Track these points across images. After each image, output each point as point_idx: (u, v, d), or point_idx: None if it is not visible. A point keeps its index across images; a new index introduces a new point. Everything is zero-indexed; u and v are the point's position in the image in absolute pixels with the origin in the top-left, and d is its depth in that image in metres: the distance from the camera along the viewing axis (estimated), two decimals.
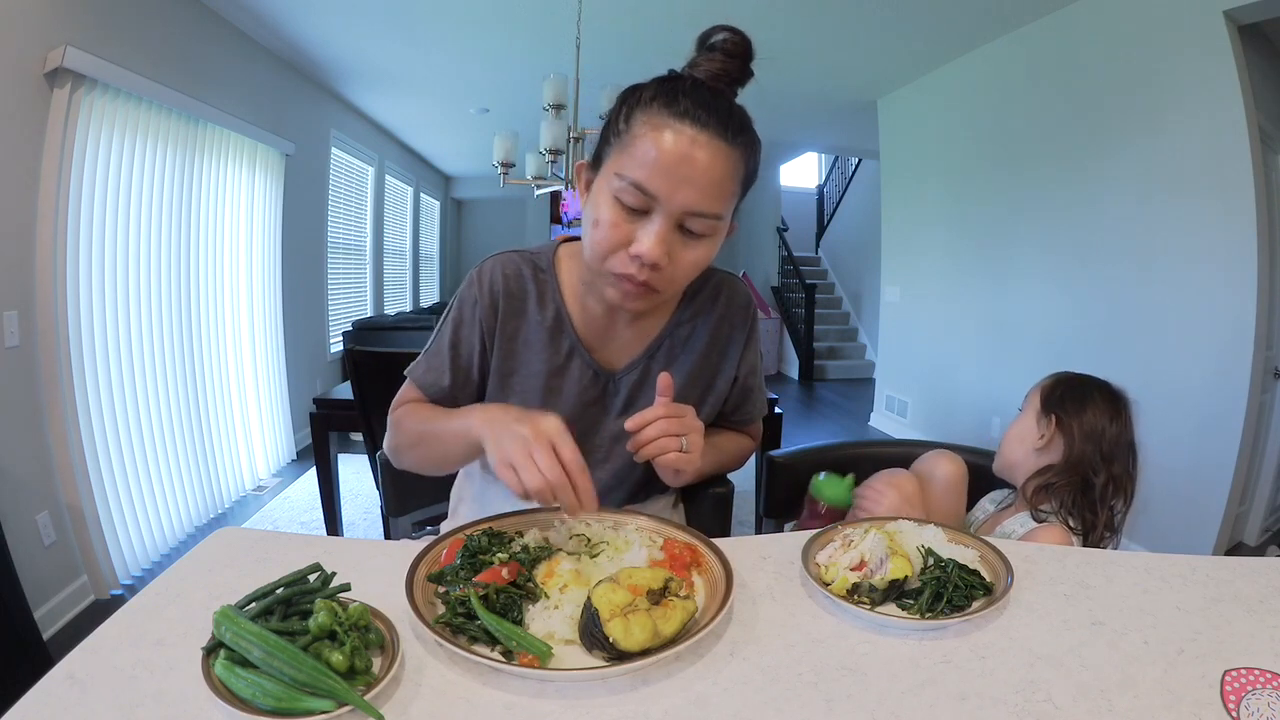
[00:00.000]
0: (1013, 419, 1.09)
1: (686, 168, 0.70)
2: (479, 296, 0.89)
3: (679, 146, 0.70)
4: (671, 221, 0.72)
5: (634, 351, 0.93)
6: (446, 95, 4.69)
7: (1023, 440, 1.04)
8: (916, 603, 0.64)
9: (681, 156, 0.70)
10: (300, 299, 4.08)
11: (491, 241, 8.87)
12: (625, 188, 0.71)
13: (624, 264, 0.74)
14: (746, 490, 2.66)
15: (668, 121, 0.70)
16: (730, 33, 0.75)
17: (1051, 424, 1.01)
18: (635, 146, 0.71)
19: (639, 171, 0.70)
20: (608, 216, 0.73)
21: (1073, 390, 1.03)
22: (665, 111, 0.71)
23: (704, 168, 0.70)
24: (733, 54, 0.75)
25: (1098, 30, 2.94)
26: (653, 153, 0.70)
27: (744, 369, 0.99)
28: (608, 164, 0.75)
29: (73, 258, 2.18)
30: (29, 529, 2.03)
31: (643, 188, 0.71)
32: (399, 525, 1.61)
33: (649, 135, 0.70)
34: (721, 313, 0.96)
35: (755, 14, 3.11)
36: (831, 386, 6.87)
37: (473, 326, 0.90)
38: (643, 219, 0.73)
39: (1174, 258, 2.62)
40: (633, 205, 0.72)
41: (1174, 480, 2.54)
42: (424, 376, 0.92)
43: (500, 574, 0.62)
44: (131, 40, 2.43)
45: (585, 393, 0.91)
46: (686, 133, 0.70)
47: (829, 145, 7.31)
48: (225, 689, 0.48)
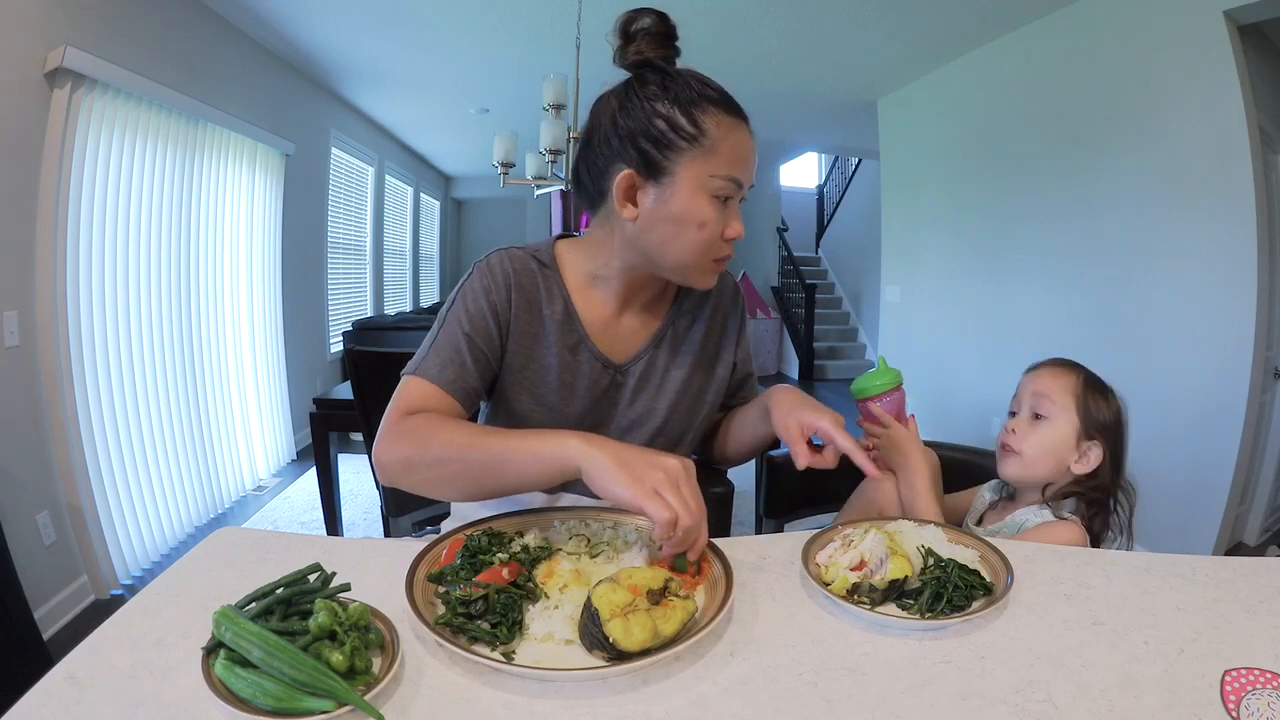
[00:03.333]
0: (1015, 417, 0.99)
1: (753, 155, 0.84)
2: (491, 285, 0.88)
3: (747, 140, 0.83)
4: (738, 201, 0.84)
5: (638, 343, 0.95)
6: (446, 95, 4.69)
7: (1056, 455, 0.95)
8: (916, 603, 0.64)
9: (750, 148, 0.83)
10: (300, 299, 4.08)
11: (491, 241, 8.75)
12: (724, 185, 0.81)
13: (719, 249, 0.84)
14: (746, 490, 2.65)
15: (732, 121, 0.81)
16: (649, 16, 0.84)
17: (1101, 450, 0.93)
18: (720, 147, 0.80)
19: (734, 169, 0.81)
20: (711, 213, 0.81)
21: (1104, 399, 0.95)
22: (723, 109, 0.81)
23: (755, 152, 0.84)
24: (655, 32, 0.84)
25: (1097, 30, 2.94)
26: (736, 150, 0.81)
27: (740, 354, 1.05)
28: (686, 167, 0.80)
29: (73, 258, 2.18)
30: (29, 529, 2.03)
31: (739, 181, 0.82)
32: (399, 525, 1.61)
33: (730, 136, 0.81)
34: (715, 302, 1.02)
35: (756, 14, 3.11)
36: (831, 386, 6.87)
37: (487, 314, 0.87)
38: (725, 206, 0.83)
39: (1174, 258, 2.61)
40: (728, 196, 0.82)
41: (1174, 480, 2.54)
42: (442, 374, 0.84)
43: (500, 574, 0.62)
44: (131, 40, 2.43)
45: (596, 385, 0.93)
46: (743, 127, 0.83)
47: (829, 145, 7.31)
48: (225, 689, 0.48)
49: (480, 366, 0.87)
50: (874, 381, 0.97)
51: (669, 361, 0.96)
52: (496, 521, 0.77)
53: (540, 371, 0.91)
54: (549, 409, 0.91)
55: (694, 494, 0.67)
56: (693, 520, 0.65)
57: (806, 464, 0.82)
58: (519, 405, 0.91)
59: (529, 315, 0.90)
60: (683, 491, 0.66)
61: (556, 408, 0.91)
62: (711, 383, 1.01)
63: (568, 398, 0.92)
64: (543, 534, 0.75)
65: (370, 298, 5.59)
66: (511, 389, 0.91)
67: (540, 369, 0.91)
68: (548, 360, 0.91)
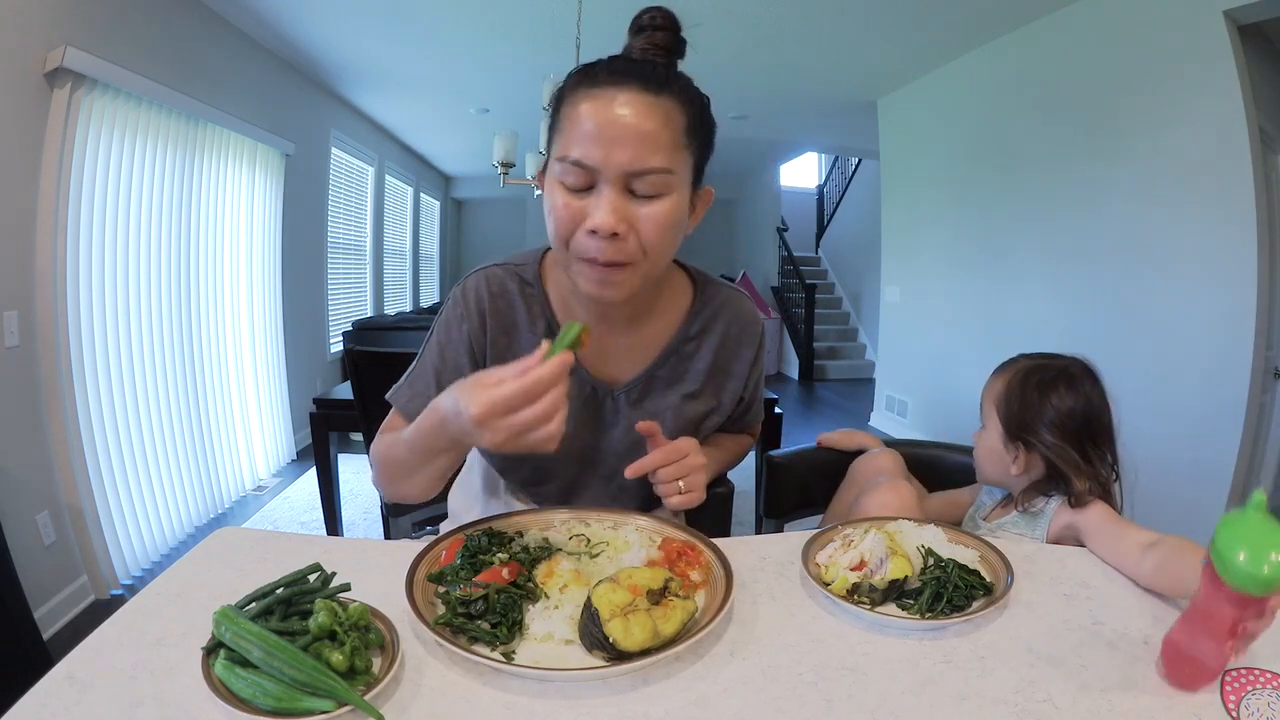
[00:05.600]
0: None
1: (613, 128, 0.69)
2: (465, 315, 0.85)
3: (601, 110, 0.69)
4: (618, 187, 0.70)
5: (635, 367, 0.89)
6: (446, 95, 4.69)
7: (994, 459, 0.96)
8: (916, 603, 0.64)
9: (605, 119, 0.69)
10: (300, 299, 4.08)
11: (491, 241, 8.88)
12: (566, 169, 0.71)
13: (585, 245, 0.72)
14: (746, 490, 2.66)
15: (587, 92, 0.71)
16: (656, 11, 0.77)
17: (1020, 452, 0.92)
18: (565, 128, 0.72)
19: (573, 149, 0.70)
20: (559, 202, 0.72)
21: (1024, 399, 0.92)
22: (584, 85, 0.71)
23: (631, 123, 0.69)
24: (661, 26, 0.77)
25: (1097, 30, 2.94)
26: (579, 126, 0.70)
27: (750, 386, 0.97)
28: (550, 156, 0.75)
29: (73, 258, 2.18)
30: (29, 529, 2.03)
31: (580, 162, 0.70)
32: (399, 525, 1.61)
33: (573, 112, 0.71)
34: (727, 331, 0.92)
35: (756, 15, 3.11)
36: (831, 386, 6.87)
37: (459, 346, 0.86)
38: (589, 195, 0.71)
39: (1174, 258, 2.61)
40: (577, 184, 0.71)
41: (1174, 480, 2.54)
42: (409, 403, 0.86)
43: (500, 574, 0.62)
44: (131, 40, 2.43)
45: (584, 409, 0.88)
46: (605, 95, 0.70)
47: (829, 145, 7.31)
48: (225, 689, 0.48)
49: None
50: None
51: (669, 386, 0.90)
52: (496, 521, 0.77)
53: None
54: None
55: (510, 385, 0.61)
56: (526, 418, 0.60)
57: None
58: None
59: (507, 340, 0.87)
60: (507, 388, 0.61)
61: None
62: (714, 412, 0.94)
63: None
64: (543, 534, 0.75)
65: (370, 298, 5.59)
66: None
67: None
68: None
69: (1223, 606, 0.51)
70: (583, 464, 0.91)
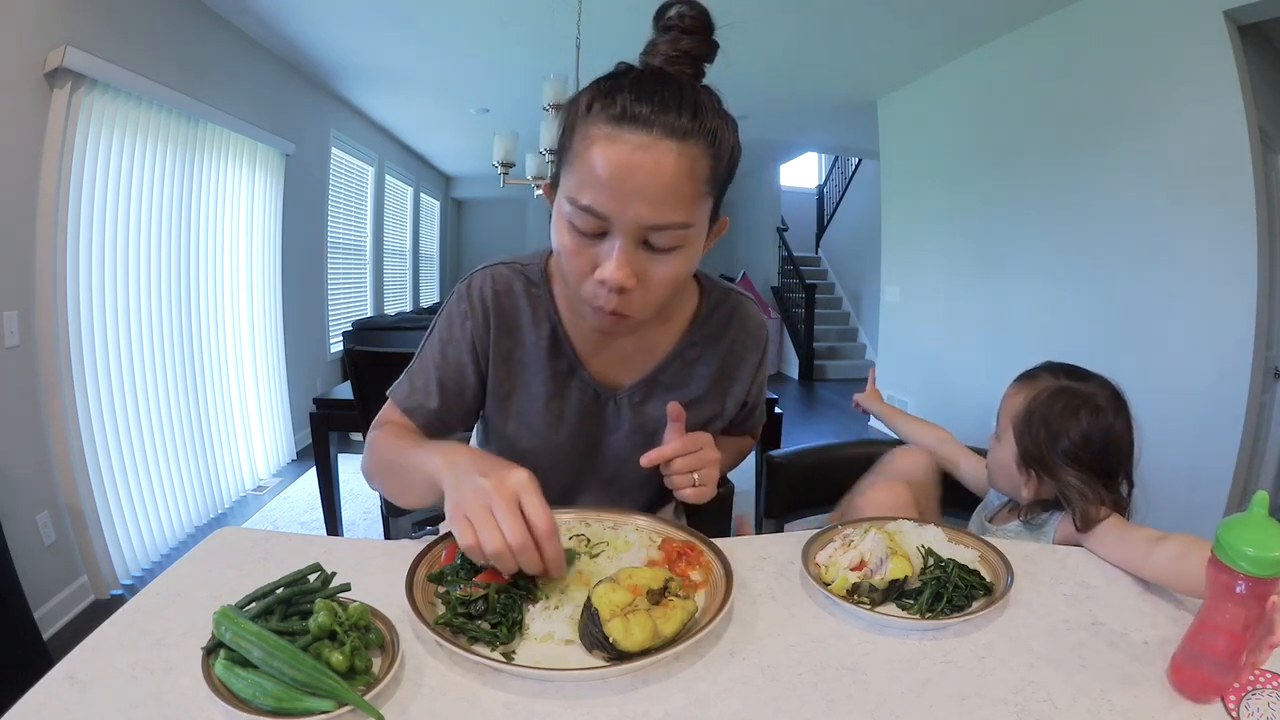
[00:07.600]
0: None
1: (632, 180, 0.62)
2: (469, 312, 0.84)
3: (620, 157, 0.62)
4: (632, 240, 0.65)
5: (638, 370, 0.88)
6: (446, 95, 4.69)
7: (1006, 475, 0.92)
8: (916, 603, 0.64)
9: (625, 168, 0.62)
10: (300, 299, 4.08)
11: (491, 241, 8.88)
12: (575, 212, 0.65)
13: (594, 292, 0.68)
14: (746, 490, 2.65)
15: (605, 131, 0.63)
16: (686, 5, 0.68)
17: (1033, 479, 0.89)
18: (578, 165, 0.65)
19: (585, 193, 0.64)
20: (567, 244, 0.68)
21: (1048, 428, 0.87)
22: (603, 118, 0.63)
23: (652, 175, 0.62)
24: (691, 30, 0.68)
25: (1097, 30, 2.94)
26: (594, 170, 0.63)
27: (753, 390, 0.96)
28: (560, 187, 0.69)
29: (73, 258, 2.18)
30: (29, 529, 2.03)
31: (592, 210, 0.64)
32: (399, 525, 1.61)
33: (588, 151, 0.64)
34: (734, 337, 0.91)
35: (755, 14, 3.11)
36: (831, 386, 6.87)
37: (462, 344, 0.84)
38: (602, 241, 0.66)
39: (1174, 257, 2.61)
40: (587, 229, 0.66)
41: (1174, 481, 2.54)
42: (408, 399, 0.85)
43: (500, 574, 0.62)
44: (131, 40, 2.43)
45: (587, 412, 0.87)
46: (627, 140, 0.62)
47: (829, 145, 7.31)
48: (225, 689, 0.48)
49: (447, 396, 0.85)
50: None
51: (672, 391, 0.88)
52: None
53: (526, 399, 0.87)
54: (536, 435, 0.87)
55: (518, 515, 0.58)
56: (502, 547, 0.57)
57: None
58: (508, 429, 0.88)
59: (510, 341, 0.85)
60: (498, 512, 0.58)
61: (544, 434, 0.87)
62: (717, 418, 0.93)
63: (556, 424, 0.87)
64: None
65: (370, 298, 5.59)
66: (498, 414, 0.88)
67: (526, 396, 0.86)
68: (533, 388, 0.86)
69: (1232, 607, 0.51)
70: (583, 467, 0.91)
